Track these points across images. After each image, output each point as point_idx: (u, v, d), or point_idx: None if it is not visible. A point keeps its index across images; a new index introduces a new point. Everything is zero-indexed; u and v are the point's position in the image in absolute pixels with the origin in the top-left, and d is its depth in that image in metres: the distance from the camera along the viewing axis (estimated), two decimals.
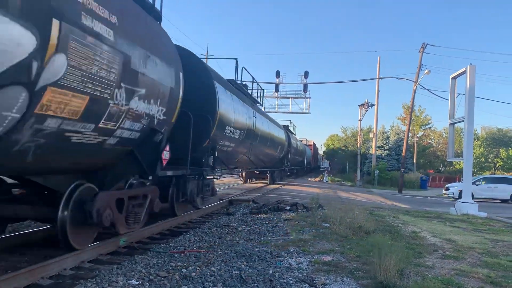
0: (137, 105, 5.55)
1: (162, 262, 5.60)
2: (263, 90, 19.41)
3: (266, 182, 25.34)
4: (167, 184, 8.43)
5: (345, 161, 62.45)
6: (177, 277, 4.86)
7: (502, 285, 5.06)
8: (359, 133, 45.36)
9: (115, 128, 5.28)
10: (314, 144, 62.87)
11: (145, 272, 5.03)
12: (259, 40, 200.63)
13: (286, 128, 27.01)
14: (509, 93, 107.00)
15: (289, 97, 38.46)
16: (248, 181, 25.20)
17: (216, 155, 9.91)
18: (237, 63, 13.88)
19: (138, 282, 4.64)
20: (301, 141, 43.02)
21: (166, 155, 6.80)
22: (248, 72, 15.99)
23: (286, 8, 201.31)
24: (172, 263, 5.52)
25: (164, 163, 6.77)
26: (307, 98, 40.67)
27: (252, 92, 16.03)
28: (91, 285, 4.45)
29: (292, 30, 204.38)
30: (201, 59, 10.57)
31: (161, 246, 6.59)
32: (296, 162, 35.73)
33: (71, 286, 4.43)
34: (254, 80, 16.95)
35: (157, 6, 6.94)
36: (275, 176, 26.19)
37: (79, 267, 5.20)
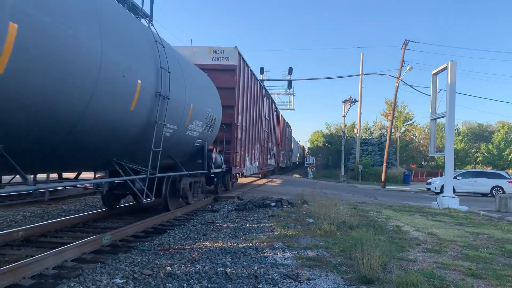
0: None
1: (147, 260, 5.56)
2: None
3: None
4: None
5: (329, 157, 62.77)
6: (162, 275, 4.84)
7: (483, 277, 5.16)
8: (343, 129, 45.69)
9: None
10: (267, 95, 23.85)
11: (129, 271, 4.98)
12: (243, 36, 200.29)
13: None
14: (488, 89, 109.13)
15: (273, 94, 38.49)
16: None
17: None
18: None
19: (122, 281, 4.60)
20: None
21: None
22: None
23: (269, 5, 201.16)
24: (156, 261, 5.49)
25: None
26: (291, 94, 40.87)
27: None
28: (74, 284, 4.39)
29: (276, 27, 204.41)
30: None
31: (146, 244, 6.54)
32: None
33: (53, 286, 4.36)
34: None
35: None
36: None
37: (62, 266, 5.13)
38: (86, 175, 8.37)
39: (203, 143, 10.55)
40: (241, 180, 23.59)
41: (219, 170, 12.21)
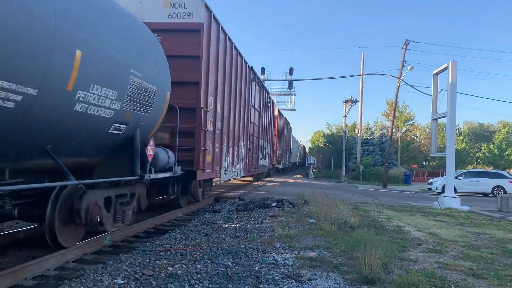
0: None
1: (148, 260, 5.56)
2: None
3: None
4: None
5: (330, 157, 62.65)
6: (163, 275, 4.84)
7: (484, 277, 5.15)
8: (343, 129, 45.67)
9: None
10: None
11: (131, 271, 4.99)
12: (243, 36, 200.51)
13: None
14: (489, 88, 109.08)
15: (274, 94, 38.43)
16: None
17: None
18: None
19: (123, 281, 4.61)
20: None
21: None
22: None
23: (269, 5, 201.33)
24: (158, 262, 5.50)
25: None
26: (292, 94, 40.82)
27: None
28: (76, 285, 4.40)
29: (277, 27, 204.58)
30: None
31: (147, 245, 6.55)
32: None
33: (55, 287, 4.37)
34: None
35: None
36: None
37: (63, 267, 5.14)
38: None
39: (130, 131, 6.40)
40: (238, 181, 23.05)
41: (168, 174, 8.04)
